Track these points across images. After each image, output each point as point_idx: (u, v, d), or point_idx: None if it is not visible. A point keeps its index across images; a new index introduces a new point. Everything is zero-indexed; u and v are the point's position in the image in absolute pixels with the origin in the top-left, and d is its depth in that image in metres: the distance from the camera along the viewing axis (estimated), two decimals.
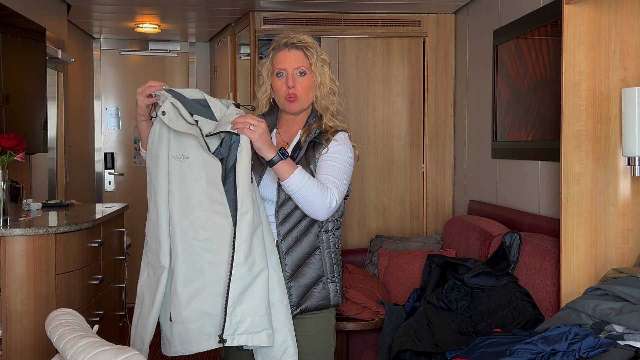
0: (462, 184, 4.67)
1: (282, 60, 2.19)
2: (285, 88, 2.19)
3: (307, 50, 2.20)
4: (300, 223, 2.17)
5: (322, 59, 2.23)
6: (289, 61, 2.19)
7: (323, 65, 2.22)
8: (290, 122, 2.29)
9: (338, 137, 2.20)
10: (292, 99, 2.19)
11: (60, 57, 4.52)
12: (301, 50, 2.20)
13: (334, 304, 2.24)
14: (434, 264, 3.40)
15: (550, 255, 2.80)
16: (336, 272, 2.24)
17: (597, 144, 2.44)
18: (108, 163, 6.29)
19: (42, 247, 2.85)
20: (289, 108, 2.21)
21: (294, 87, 2.18)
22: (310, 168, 2.15)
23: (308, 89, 2.21)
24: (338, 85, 2.27)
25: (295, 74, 2.19)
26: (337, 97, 2.27)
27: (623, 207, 2.45)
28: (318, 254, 2.20)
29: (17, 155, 2.94)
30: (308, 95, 2.22)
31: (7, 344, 2.82)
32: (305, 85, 2.20)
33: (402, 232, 4.82)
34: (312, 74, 2.21)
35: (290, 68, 2.18)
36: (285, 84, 2.19)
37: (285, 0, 4.48)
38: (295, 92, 2.18)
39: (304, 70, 2.19)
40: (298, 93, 2.19)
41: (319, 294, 2.20)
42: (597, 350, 1.84)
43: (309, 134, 2.20)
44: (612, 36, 2.43)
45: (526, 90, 3.59)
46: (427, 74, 4.80)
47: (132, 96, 6.35)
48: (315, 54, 2.21)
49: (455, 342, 2.69)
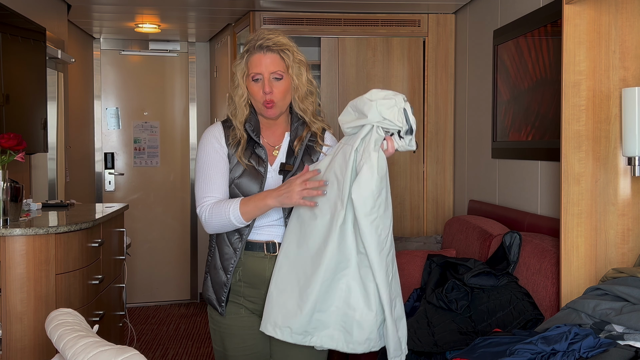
0: (462, 184, 4.67)
1: (258, 63, 2.12)
2: (261, 93, 2.13)
3: (284, 53, 2.13)
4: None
5: (299, 60, 2.15)
6: (265, 65, 2.12)
7: (300, 67, 2.15)
8: (272, 125, 2.25)
9: (327, 139, 2.23)
10: (269, 105, 2.13)
11: (60, 57, 4.52)
12: (277, 54, 2.13)
13: None
14: (434, 263, 3.40)
15: (550, 255, 2.80)
16: None
17: (597, 144, 2.44)
18: (108, 163, 6.29)
19: (42, 247, 2.85)
20: (267, 114, 2.17)
21: (271, 92, 2.12)
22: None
23: (285, 93, 2.15)
24: (315, 85, 2.22)
25: (271, 78, 2.12)
26: (315, 97, 2.23)
27: (623, 207, 2.45)
28: None
29: (17, 155, 2.94)
30: (285, 99, 2.17)
31: (7, 344, 2.82)
32: (282, 89, 2.14)
33: (402, 232, 4.82)
34: (289, 77, 2.14)
35: (267, 72, 2.12)
36: (261, 89, 2.13)
37: (285, 0, 4.48)
38: (272, 98, 2.13)
39: (280, 75, 2.13)
40: (275, 98, 2.13)
41: None
42: (597, 350, 1.84)
43: (301, 142, 2.19)
44: (612, 36, 2.43)
45: (526, 90, 3.59)
46: (427, 74, 4.80)
47: (132, 96, 6.36)
48: (291, 56, 2.13)
49: (455, 342, 2.69)
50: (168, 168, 6.45)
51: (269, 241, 2.16)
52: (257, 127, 2.21)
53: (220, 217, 2.09)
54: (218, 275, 2.19)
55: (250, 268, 2.15)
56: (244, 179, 2.16)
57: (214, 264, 2.22)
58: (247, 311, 2.18)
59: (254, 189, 2.15)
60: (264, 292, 2.12)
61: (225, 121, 2.27)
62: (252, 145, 2.19)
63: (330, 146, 2.22)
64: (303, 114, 2.20)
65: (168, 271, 6.40)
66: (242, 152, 2.17)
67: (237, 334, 2.20)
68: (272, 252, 2.14)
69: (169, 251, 6.41)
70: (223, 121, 2.28)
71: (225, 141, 2.19)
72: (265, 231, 2.16)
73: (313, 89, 2.21)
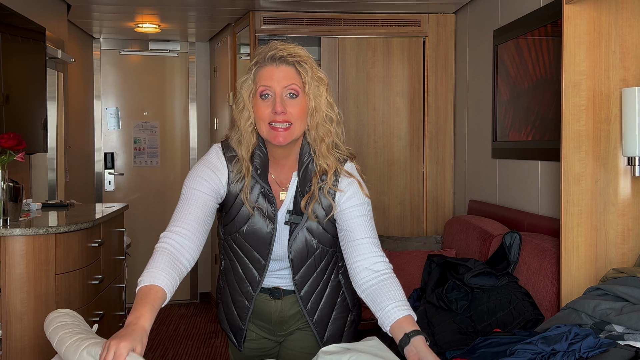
0: (462, 184, 4.67)
1: (268, 77, 1.73)
2: (270, 113, 1.73)
3: (300, 66, 1.74)
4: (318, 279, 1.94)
5: (318, 77, 1.77)
6: (277, 79, 1.72)
7: (319, 86, 1.76)
8: (279, 159, 1.85)
9: (344, 186, 1.83)
10: (279, 129, 1.73)
11: (60, 57, 4.52)
12: (292, 66, 1.74)
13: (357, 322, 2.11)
14: (434, 264, 3.40)
15: (550, 255, 2.79)
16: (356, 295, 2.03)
17: (597, 144, 2.44)
18: (108, 163, 6.29)
19: (42, 247, 2.84)
20: (275, 139, 1.74)
21: (284, 112, 1.72)
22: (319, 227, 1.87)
23: (301, 115, 1.75)
24: (337, 111, 1.82)
25: (284, 95, 1.73)
26: (335, 126, 1.81)
27: (623, 207, 2.45)
28: (341, 295, 2.02)
29: (17, 155, 2.94)
30: (302, 123, 1.76)
31: (7, 344, 2.82)
32: (298, 109, 1.74)
33: (402, 232, 4.82)
34: (305, 97, 1.75)
35: (279, 88, 1.72)
36: (271, 107, 1.72)
37: (285, 0, 4.48)
38: (286, 119, 1.72)
39: (295, 91, 1.74)
40: (291, 119, 1.73)
41: (349, 335, 2.05)
42: (597, 350, 1.84)
43: (311, 196, 1.82)
44: (612, 36, 2.43)
45: (526, 90, 3.59)
46: (427, 74, 4.80)
47: (132, 96, 6.36)
48: (310, 71, 1.75)
49: (455, 342, 2.69)
50: (168, 168, 6.45)
51: (273, 287, 1.99)
52: (264, 163, 1.84)
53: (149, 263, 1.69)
54: (234, 319, 2.05)
55: (258, 308, 2.03)
56: (254, 227, 1.86)
57: (226, 301, 2.05)
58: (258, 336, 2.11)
59: (262, 243, 1.87)
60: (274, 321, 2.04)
61: (225, 144, 1.88)
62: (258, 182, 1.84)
63: (344, 192, 1.82)
64: (315, 146, 1.80)
65: None
66: (249, 192, 1.82)
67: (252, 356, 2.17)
68: (277, 297, 1.99)
69: None
70: (223, 143, 1.89)
71: (228, 178, 1.84)
72: (271, 281, 1.99)
73: (333, 115, 1.80)
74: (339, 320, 2.04)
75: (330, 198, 1.82)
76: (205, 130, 6.43)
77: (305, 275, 1.93)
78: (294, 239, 1.87)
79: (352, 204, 1.83)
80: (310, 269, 1.93)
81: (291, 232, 1.87)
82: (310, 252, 1.90)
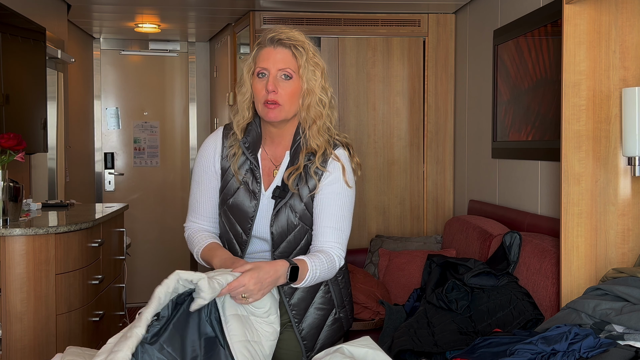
0: (462, 184, 4.67)
1: (266, 58, 1.85)
2: (264, 92, 1.85)
3: (296, 50, 1.85)
4: None
5: (314, 62, 1.87)
6: (273, 60, 1.84)
7: (315, 70, 1.87)
8: (275, 137, 1.96)
9: (330, 167, 1.90)
10: (271, 106, 1.84)
11: (60, 57, 4.52)
12: (289, 49, 1.85)
13: (346, 329, 2.08)
14: (434, 264, 3.40)
15: (550, 255, 2.79)
16: (345, 296, 2.07)
17: (597, 144, 2.44)
18: (108, 163, 6.29)
19: (42, 247, 2.84)
20: (267, 116, 1.87)
21: (275, 91, 1.84)
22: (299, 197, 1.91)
23: (292, 96, 1.86)
24: (330, 96, 1.92)
25: (278, 76, 1.85)
26: (328, 109, 1.90)
27: (623, 207, 2.45)
28: (324, 287, 2.01)
29: (17, 155, 2.94)
30: (292, 104, 1.87)
31: (7, 344, 2.82)
32: (290, 91, 1.85)
33: (402, 232, 4.82)
34: (299, 79, 1.86)
35: (274, 69, 1.84)
36: (264, 86, 1.84)
37: (285, 0, 4.48)
38: (275, 99, 1.84)
39: (289, 74, 1.85)
40: (280, 100, 1.84)
41: (331, 332, 2.04)
42: (597, 350, 1.84)
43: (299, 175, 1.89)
44: (612, 36, 2.43)
45: (526, 90, 3.59)
46: (427, 74, 4.80)
47: (132, 96, 6.36)
48: (305, 55, 1.85)
49: (455, 342, 2.69)
50: (168, 168, 6.45)
51: None
52: (256, 139, 1.95)
53: (191, 248, 1.99)
54: None
55: None
56: (237, 201, 1.94)
57: None
58: None
59: (245, 217, 1.93)
60: None
61: (228, 125, 2.03)
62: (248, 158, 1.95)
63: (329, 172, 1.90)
64: (305, 126, 1.90)
65: (168, 271, 6.32)
66: (237, 163, 1.94)
67: None
68: None
69: (169, 251, 6.40)
70: (226, 125, 2.04)
71: (221, 153, 1.97)
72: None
73: (326, 99, 1.90)
74: (320, 312, 2.01)
75: (317, 179, 1.90)
76: (205, 130, 6.43)
77: (285, 252, 1.94)
78: (277, 214, 1.92)
79: (329, 191, 1.91)
80: (289, 245, 1.94)
81: (275, 207, 1.92)
82: (291, 228, 1.93)
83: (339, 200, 1.91)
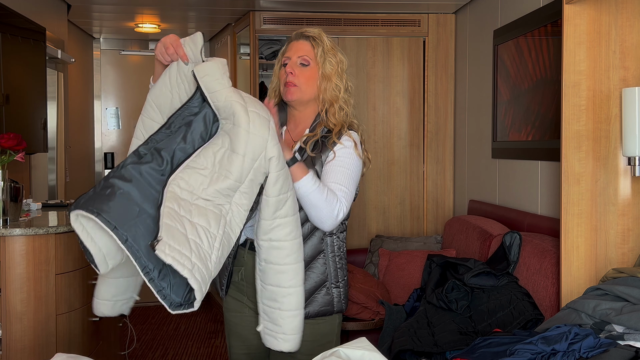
0: (462, 184, 4.67)
1: (289, 49, 2.16)
2: (285, 75, 2.14)
3: (314, 41, 2.14)
4: (303, 225, 2.06)
5: (332, 53, 2.15)
6: (294, 50, 2.15)
7: (331, 59, 2.14)
8: (297, 118, 2.20)
9: (344, 140, 2.11)
10: (289, 86, 2.12)
11: (60, 57, 4.52)
12: (308, 41, 2.15)
13: (337, 309, 2.14)
14: (434, 264, 3.40)
15: (550, 255, 2.80)
16: (340, 277, 2.15)
17: (597, 144, 2.44)
18: (108, 163, 6.29)
19: (42, 247, 2.85)
20: (286, 96, 2.14)
21: (293, 73, 2.12)
22: (315, 169, 2.07)
23: (309, 79, 2.13)
24: (345, 82, 2.19)
25: (297, 62, 2.13)
26: (344, 94, 2.18)
27: (623, 207, 2.45)
28: (322, 257, 2.11)
29: (17, 155, 2.94)
30: (308, 86, 2.13)
31: (7, 344, 2.82)
32: (307, 75, 2.13)
33: (402, 232, 4.82)
34: (316, 66, 2.13)
35: (294, 56, 2.14)
36: (285, 71, 2.14)
37: (285, 0, 4.48)
38: (292, 80, 2.11)
39: (306, 61, 2.13)
40: (296, 81, 2.11)
41: (321, 300, 2.10)
42: (597, 350, 1.84)
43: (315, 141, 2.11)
44: (612, 36, 2.43)
45: (526, 90, 3.59)
46: (427, 74, 4.80)
47: (132, 96, 6.36)
48: (322, 46, 2.14)
49: (455, 342, 2.69)
50: None
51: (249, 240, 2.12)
52: (281, 118, 2.20)
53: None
54: None
55: (251, 268, 2.13)
56: None
57: None
58: (251, 312, 2.17)
59: None
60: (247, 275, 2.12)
61: None
62: None
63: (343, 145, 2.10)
64: (323, 108, 2.15)
65: None
66: None
67: (241, 333, 2.20)
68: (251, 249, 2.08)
69: None
70: None
71: None
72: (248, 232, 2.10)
73: (342, 85, 2.17)
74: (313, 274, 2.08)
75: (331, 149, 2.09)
76: None
77: None
78: None
79: (339, 154, 2.08)
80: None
81: None
82: None
83: (346, 162, 2.08)
